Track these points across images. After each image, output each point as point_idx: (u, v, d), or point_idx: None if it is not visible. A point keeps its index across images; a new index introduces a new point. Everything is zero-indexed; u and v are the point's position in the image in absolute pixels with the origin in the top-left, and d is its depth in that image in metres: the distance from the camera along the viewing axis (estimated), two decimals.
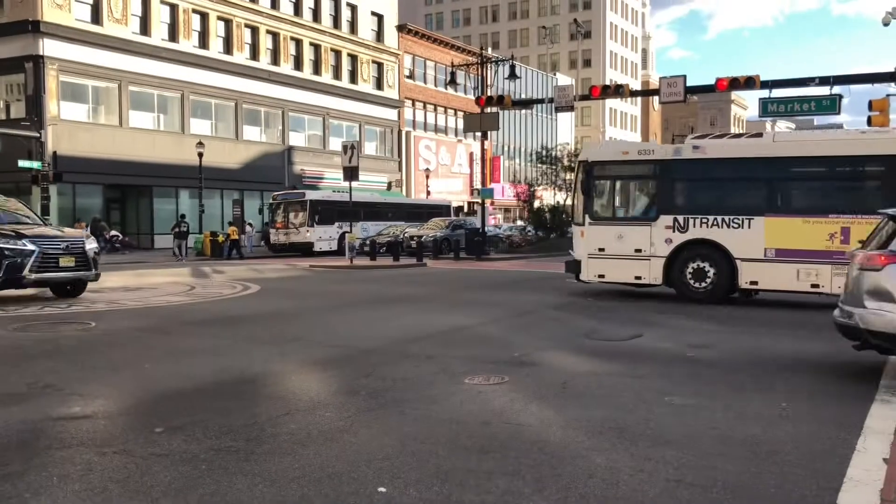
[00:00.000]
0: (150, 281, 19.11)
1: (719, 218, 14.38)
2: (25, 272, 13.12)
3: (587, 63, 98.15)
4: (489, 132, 37.34)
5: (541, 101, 35.49)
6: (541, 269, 24.75)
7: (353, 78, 51.99)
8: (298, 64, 47.60)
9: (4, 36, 34.23)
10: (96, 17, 36.01)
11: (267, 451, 4.88)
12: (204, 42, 41.46)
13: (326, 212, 35.45)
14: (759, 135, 15.40)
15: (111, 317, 11.70)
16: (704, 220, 14.49)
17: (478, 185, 53.59)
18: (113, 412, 5.94)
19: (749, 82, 24.51)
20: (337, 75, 50.60)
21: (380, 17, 54.29)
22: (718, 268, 14.22)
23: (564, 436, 5.28)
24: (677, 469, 4.57)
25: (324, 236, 35.30)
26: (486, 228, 33.77)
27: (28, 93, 34.03)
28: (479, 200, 36.84)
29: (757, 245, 14.00)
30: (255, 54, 44.55)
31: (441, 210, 43.73)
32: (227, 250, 32.60)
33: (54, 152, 33.04)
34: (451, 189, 60.92)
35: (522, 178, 44.54)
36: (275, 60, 45.87)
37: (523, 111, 72.59)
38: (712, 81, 25.53)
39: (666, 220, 14.72)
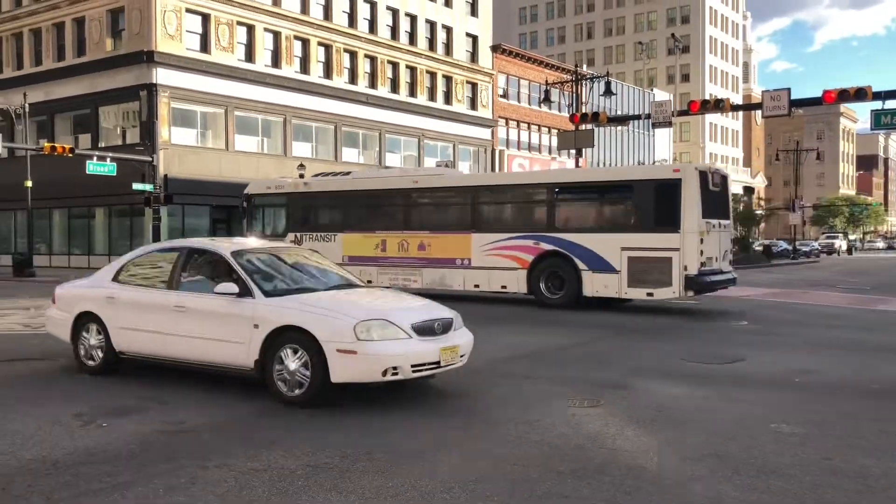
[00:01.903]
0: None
1: (320, 234, 20.39)
2: None
3: (685, 78, 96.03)
4: (584, 149, 36.94)
5: (637, 118, 34.86)
6: None
7: (448, 99, 52.57)
8: (395, 86, 48.54)
9: (122, 66, 36.38)
10: (205, 46, 37.79)
11: (361, 469, 4.93)
12: (305, 67, 42.84)
13: None
14: (347, 173, 22.00)
15: None
16: (311, 236, 20.42)
17: None
18: (215, 425, 6.15)
19: (860, 94, 23.34)
20: (432, 97, 51.30)
21: (474, 38, 54.80)
22: None
23: (661, 462, 5.12)
24: (782, 499, 4.35)
25: None
26: None
27: (142, 119, 35.98)
28: None
29: (338, 253, 19.54)
30: (353, 78, 45.70)
31: None
32: None
33: (165, 175, 34.76)
34: None
35: None
36: (372, 84, 46.93)
37: (619, 128, 71.57)
38: (818, 94, 24.44)
39: (291, 236, 20.55)
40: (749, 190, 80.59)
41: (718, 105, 27.93)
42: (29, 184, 32.33)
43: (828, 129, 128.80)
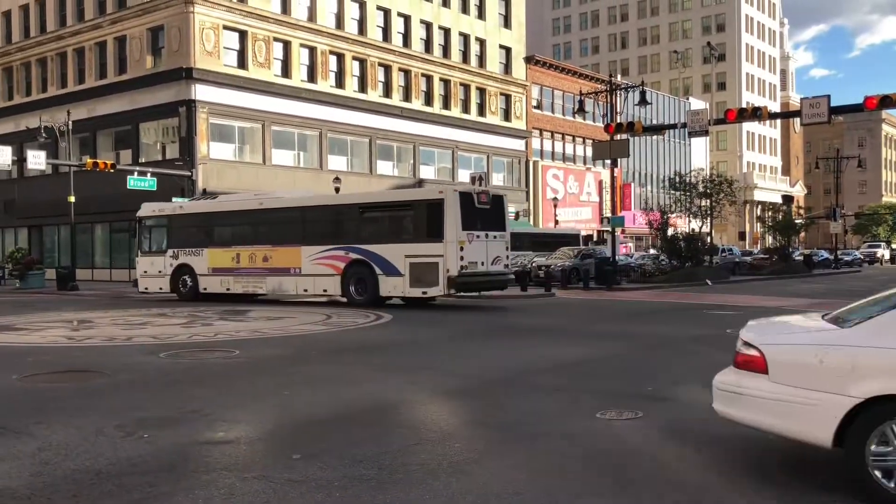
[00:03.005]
0: (289, 310, 19.92)
1: (191, 250, 23.69)
2: None
3: (722, 86, 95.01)
4: (619, 159, 36.72)
5: (673, 127, 34.63)
6: (675, 299, 23.92)
7: (482, 110, 52.66)
8: (429, 99, 48.77)
9: (161, 83, 37.10)
10: (242, 62, 38.39)
11: (398, 481, 4.93)
12: (340, 82, 43.27)
13: None
14: (215, 196, 26.10)
15: (254, 345, 12.26)
16: (185, 251, 23.80)
17: (608, 213, 52.69)
18: (254, 438, 6.20)
19: None
20: (466, 109, 51.44)
21: (507, 50, 54.88)
22: (193, 279, 23.67)
23: (704, 476, 5.03)
24: None
25: None
26: (616, 257, 33.07)
27: (181, 135, 36.62)
28: (610, 229, 36.20)
29: (205, 266, 23.35)
30: (387, 92, 46.03)
31: (569, 239, 43.23)
32: None
33: (204, 189, 35.28)
34: (579, 218, 60.24)
35: (655, 206, 43.40)
36: (406, 97, 47.22)
37: (655, 137, 71.00)
38: (859, 100, 24.02)
39: (170, 251, 24.11)
40: (788, 199, 79.30)
41: (756, 113, 27.61)
42: (72, 199, 33.05)
43: (869, 136, 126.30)
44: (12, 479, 5.00)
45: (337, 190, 35.75)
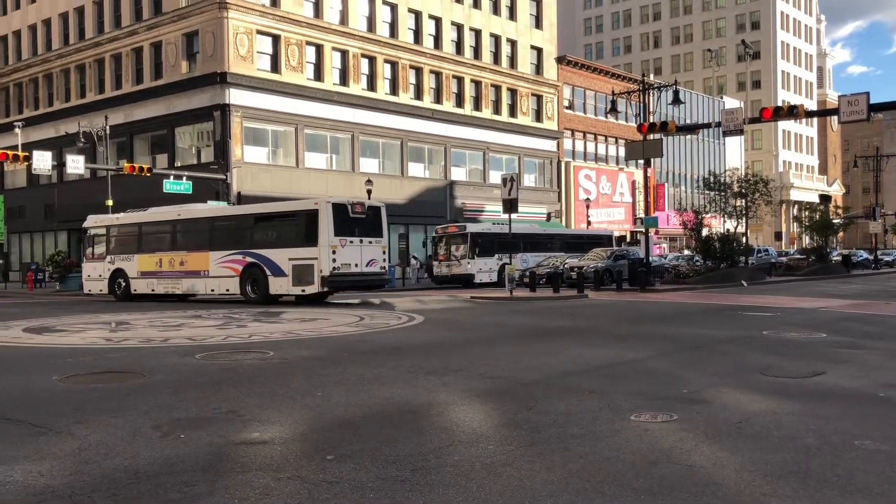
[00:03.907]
0: (323, 312, 20.06)
1: (124, 256, 26.90)
2: None
3: (756, 84, 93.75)
4: (652, 159, 36.40)
5: (707, 126, 34.25)
6: (711, 300, 23.65)
7: (513, 111, 52.56)
8: (460, 101, 48.81)
9: (196, 88, 37.62)
10: (275, 66, 38.77)
11: (432, 483, 4.93)
12: (372, 84, 43.49)
13: (486, 244, 35.86)
14: (146, 209, 28.31)
15: (287, 346, 12.36)
16: (120, 257, 26.93)
17: (641, 213, 52.26)
18: (288, 438, 6.25)
19: None
20: (497, 110, 51.37)
21: (539, 51, 54.72)
22: (126, 282, 26.58)
23: (739, 479, 4.96)
24: None
25: (484, 268, 35.68)
26: (650, 258, 32.79)
27: (216, 139, 37.09)
28: (643, 229, 35.89)
29: (135, 270, 26.52)
30: (419, 94, 46.16)
31: (602, 240, 42.97)
32: None
33: (238, 192, 35.71)
34: (612, 218, 59.84)
35: (689, 206, 42.95)
36: (438, 99, 47.30)
37: (688, 137, 70.30)
38: None
39: (108, 258, 27.45)
40: (825, 198, 77.94)
41: (792, 111, 27.19)
42: (110, 202, 33.65)
43: None
44: (54, 477, 5.10)
45: (369, 193, 35.96)
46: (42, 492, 4.81)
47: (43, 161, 29.83)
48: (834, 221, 52.72)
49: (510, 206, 25.57)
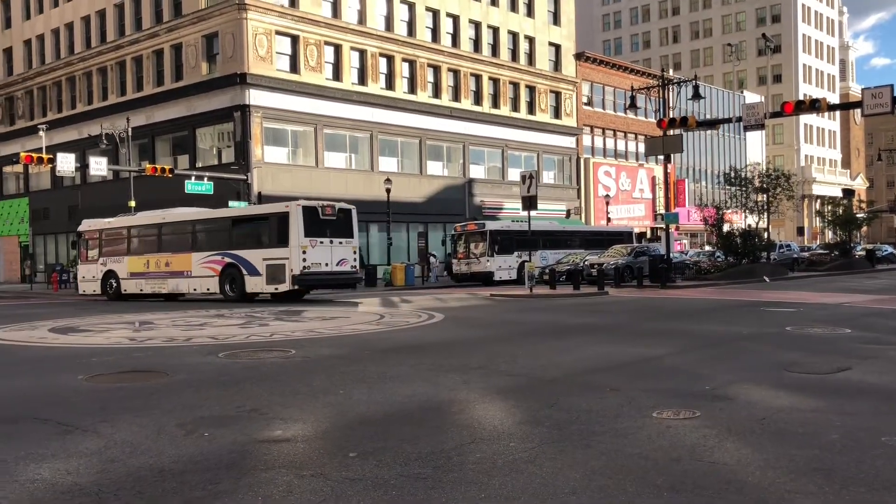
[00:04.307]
0: (343, 310, 20.15)
1: (115, 258, 28.42)
2: None
3: (777, 78, 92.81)
4: (672, 155, 36.17)
5: (728, 121, 34.00)
6: (732, 296, 23.47)
7: (531, 109, 52.43)
8: (478, 99, 48.76)
9: (217, 89, 37.87)
10: (294, 67, 38.94)
11: (454, 480, 4.94)
12: (390, 83, 43.56)
13: (506, 241, 35.81)
14: (135, 213, 30.24)
15: (309, 345, 12.43)
16: (111, 259, 28.57)
17: (661, 209, 51.95)
18: (310, 436, 6.29)
19: None
20: (515, 107, 51.27)
21: (557, 47, 54.53)
22: (117, 282, 28.29)
23: (764, 476, 4.93)
24: None
25: (503, 265, 35.63)
26: (671, 254, 32.60)
27: (236, 139, 37.32)
28: (663, 226, 35.68)
29: (125, 271, 27.99)
30: (437, 92, 46.17)
31: (622, 236, 42.77)
32: None
33: (259, 192, 35.92)
34: (632, 215, 59.53)
35: (710, 202, 42.61)
36: (456, 97, 47.29)
37: (709, 132, 69.74)
38: None
39: (101, 259, 28.94)
40: (849, 192, 76.99)
41: (814, 105, 26.88)
42: (133, 203, 33.96)
43: None
44: (80, 475, 5.17)
45: (388, 191, 36.03)
46: (70, 489, 4.87)
47: (67, 163, 30.18)
48: (857, 216, 52.07)
49: (529, 203, 25.51)
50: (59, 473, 5.22)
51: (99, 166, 31.85)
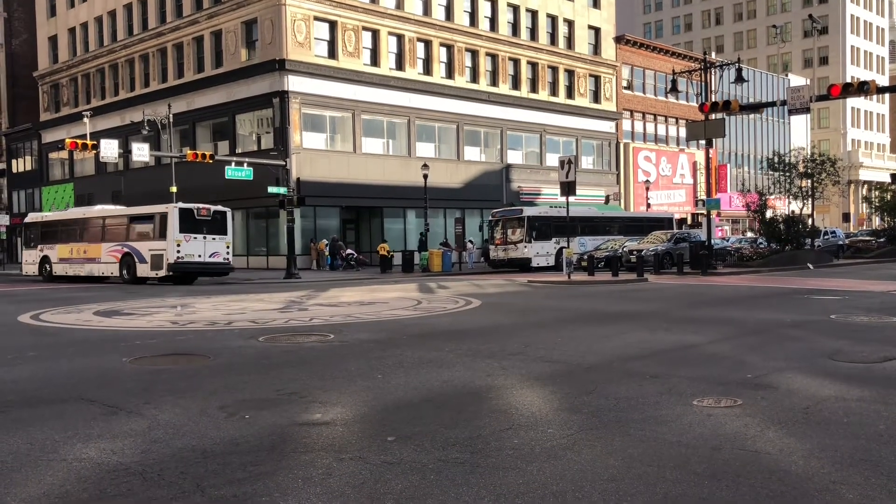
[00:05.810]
0: (382, 296, 20.26)
1: (48, 245, 32.79)
2: None
3: (824, 61, 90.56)
4: (714, 140, 35.56)
5: (772, 105, 33.28)
6: (775, 283, 23.07)
7: (570, 93, 51.93)
8: (516, 83, 48.43)
9: (256, 75, 38.17)
10: (332, 53, 39.05)
11: (491, 465, 4.95)
12: (428, 69, 43.47)
13: (543, 227, 35.59)
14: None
15: (347, 329, 12.52)
16: (46, 247, 32.78)
17: (702, 195, 51.17)
18: (349, 420, 6.34)
19: None
20: (554, 91, 50.83)
21: (596, 31, 53.86)
22: (50, 266, 32.43)
23: (807, 466, 4.85)
24: None
25: (541, 252, 35.44)
26: (712, 241, 32.11)
27: (275, 125, 37.62)
28: (704, 212, 35.16)
29: (56, 257, 32.23)
30: (475, 77, 45.96)
31: (662, 223, 42.23)
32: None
33: (297, 178, 36.19)
34: (672, 201, 58.75)
35: (752, 187, 41.82)
36: (494, 81, 47.03)
37: (752, 116, 68.45)
38: None
39: (39, 247, 33.28)
40: None
41: (862, 88, 26.17)
42: (174, 189, 34.47)
43: None
44: (126, 455, 5.29)
45: (425, 177, 36.04)
46: (115, 469, 4.98)
47: (110, 149, 30.66)
48: None
49: (568, 188, 25.31)
50: (105, 453, 5.34)
51: (141, 152, 32.31)
